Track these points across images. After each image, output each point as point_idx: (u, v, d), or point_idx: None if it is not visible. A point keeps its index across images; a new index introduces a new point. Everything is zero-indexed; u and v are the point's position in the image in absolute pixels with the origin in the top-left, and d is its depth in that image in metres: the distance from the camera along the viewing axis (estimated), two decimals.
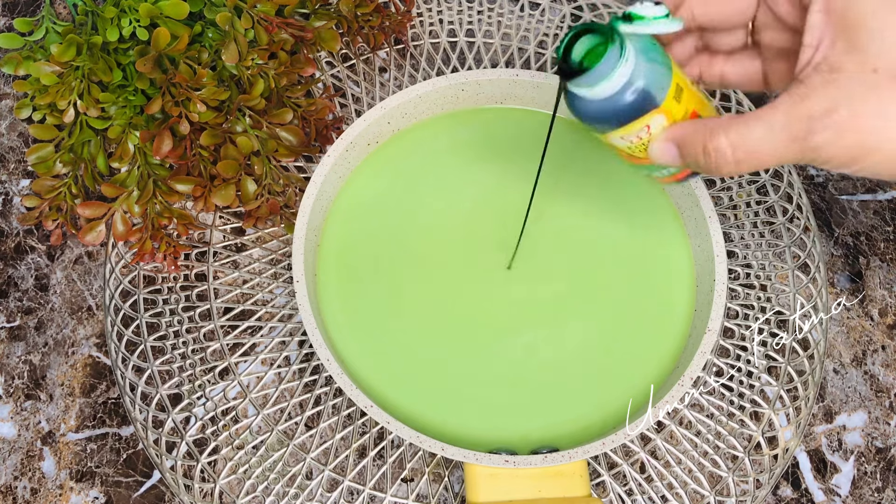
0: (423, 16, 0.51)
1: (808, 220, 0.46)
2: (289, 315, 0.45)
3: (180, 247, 0.44)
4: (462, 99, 0.44)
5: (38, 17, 0.47)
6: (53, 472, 0.43)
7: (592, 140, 0.44)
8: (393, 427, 0.36)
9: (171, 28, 0.43)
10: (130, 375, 0.43)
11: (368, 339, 0.41)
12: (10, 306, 0.46)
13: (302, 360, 0.44)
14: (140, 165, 0.44)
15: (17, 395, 0.44)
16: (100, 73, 0.43)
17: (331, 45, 0.46)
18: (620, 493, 0.41)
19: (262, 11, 0.43)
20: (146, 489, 0.42)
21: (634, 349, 0.40)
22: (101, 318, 0.45)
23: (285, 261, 0.46)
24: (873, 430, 0.43)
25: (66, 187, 0.44)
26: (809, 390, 0.43)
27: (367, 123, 0.42)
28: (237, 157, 0.43)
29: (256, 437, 0.42)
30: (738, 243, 0.46)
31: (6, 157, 0.49)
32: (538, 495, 0.37)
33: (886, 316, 0.45)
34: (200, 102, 0.42)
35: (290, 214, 0.45)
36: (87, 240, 0.44)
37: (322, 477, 0.42)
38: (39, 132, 0.44)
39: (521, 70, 0.44)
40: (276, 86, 0.44)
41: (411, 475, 0.42)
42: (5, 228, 0.47)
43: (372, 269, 0.42)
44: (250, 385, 0.43)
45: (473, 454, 0.36)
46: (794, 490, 0.42)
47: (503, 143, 0.44)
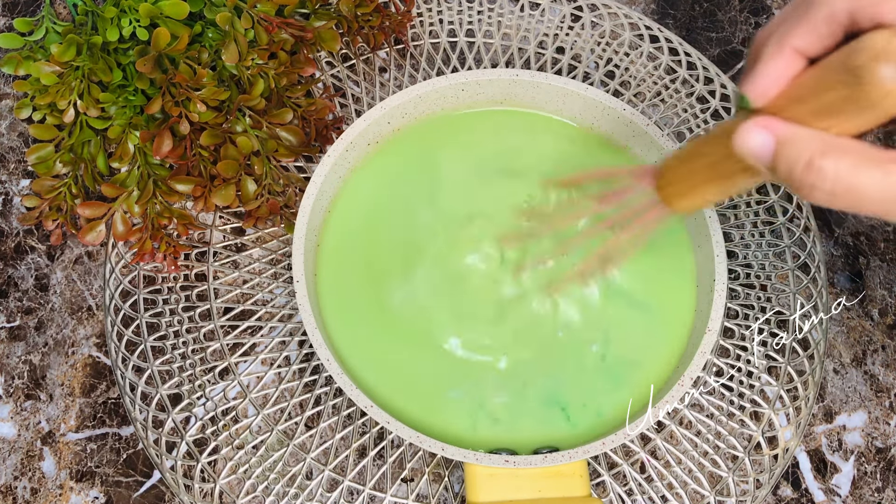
0: (423, 16, 0.51)
1: (808, 220, 0.46)
2: (289, 315, 0.45)
3: (180, 247, 0.44)
4: (462, 99, 0.44)
5: (38, 17, 0.47)
6: (53, 472, 0.43)
7: (593, 145, 0.44)
8: (393, 427, 0.36)
9: (171, 28, 0.43)
10: (130, 375, 0.43)
11: (368, 339, 0.40)
12: (10, 306, 0.46)
13: (302, 360, 0.44)
14: (140, 165, 0.44)
15: (17, 395, 0.44)
16: (100, 73, 0.43)
17: (331, 45, 0.46)
18: (620, 493, 0.41)
19: (262, 11, 0.43)
20: (146, 489, 0.42)
21: (634, 349, 0.40)
22: (101, 318, 0.45)
23: (285, 261, 0.46)
24: (873, 430, 0.43)
25: (66, 187, 0.44)
26: (809, 390, 0.43)
27: (367, 123, 0.42)
28: (237, 157, 0.43)
29: (256, 437, 0.42)
30: (738, 243, 0.46)
31: (6, 157, 0.49)
32: (538, 495, 0.37)
33: (886, 316, 0.45)
34: (200, 102, 0.42)
35: (290, 214, 0.44)
36: (87, 240, 0.44)
37: (322, 477, 0.42)
38: (39, 132, 0.44)
39: (521, 70, 0.44)
40: (276, 86, 0.44)
41: (411, 475, 0.42)
42: (5, 228, 0.47)
43: (372, 268, 0.42)
44: (250, 385, 0.43)
45: (473, 454, 0.36)
46: (794, 490, 0.42)
47: (503, 143, 0.44)
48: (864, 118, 0.26)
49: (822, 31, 0.27)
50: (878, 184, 0.25)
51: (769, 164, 0.27)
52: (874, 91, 0.24)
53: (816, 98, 0.26)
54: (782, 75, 0.28)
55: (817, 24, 0.27)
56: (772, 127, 0.27)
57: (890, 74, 0.24)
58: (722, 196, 0.33)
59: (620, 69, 0.50)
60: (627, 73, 0.50)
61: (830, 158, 0.25)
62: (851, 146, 0.26)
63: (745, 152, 0.28)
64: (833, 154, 0.26)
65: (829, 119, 0.26)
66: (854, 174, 0.25)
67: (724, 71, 0.50)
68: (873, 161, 0.25)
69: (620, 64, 0.50)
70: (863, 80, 0.24)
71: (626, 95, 0.49)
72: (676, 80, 0.50)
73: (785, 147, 0.27)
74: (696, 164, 0.32)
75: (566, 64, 0.50)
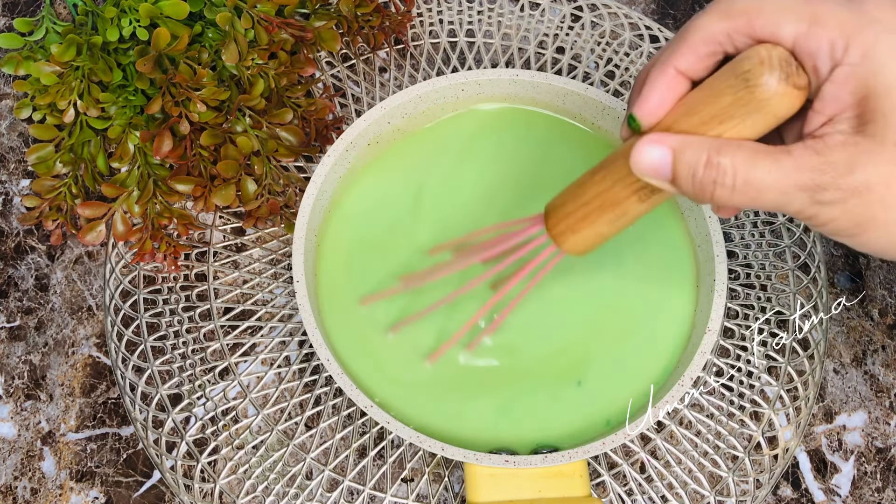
0: (423, 16, 0.51)
1: None
2: (289, 315, 0.45)
3: (180, 247, 0.44)
4: (462, 99, 0.44)
5: (38, 17, 0.47)
6: (53, 472, 0.43)
7: (592, 146, 0.44)
8: (393, 427, 0.36)
9: (171, 28, 0.43)
10: (130, 375, 0.43)
11: (368, 339, 0.40)
12: (10, 306, 0.46)
13: (302, 360, 0.44)
14: (140, 165, 0.44)
15: (17, 395, 0.44)
16: (100, 73, 0.43)
17: (331, 45, 0.46)
18: (620, 493, 0.41)
19: (262, 11, 0.43)
20: (146, 489, 0.42)
21: (634, 349, 0.40)
22: (101, 318, 0.45)
23: (285, 261, 0.46)
24: (873, 430, 0.43)
25: (66, 187, 0.45)
26: (809, 390, 0.43)
27: (367, 123, 0.42)
28: (237, 157, 0.43)
29: (256, 437, 0.42)
30: (738, 243, 0.46)
31: (6, 157, 0.49)
32: (538, 495, 0.37)
33: (886, 316, 0.45)
34: (200, 102, 0.42)
35: (290, 214, 0.45)
36: (87, 240, 0.44)
37: (322, 477, 0.42)
38: (39, 132, 0.44)
39: (521, 70, 0.44)
40: (276, 86, 0.44)
41: (411, 475, 0.42)
42: (5, 228, 0.47)
43: (372, 268, 0.42)
44: (250, 385, 0.43)
45: (473, 454, 0.36)
46: (794, 490, 0.42)
47: (503, 144, 0.44)
48: (751, 122, 0.27)
49: (700, 51, 0.28)
50: (772, 173, 0.26)
51: (669, 175, 0.28)
52: (761, 92, 0.26)
53: (706, 107, 0.28)
54: (668, 95, 0.29)
55: (696, 46, 0.28)
56: (664, 140, 0.28)
57: (774, 77, 0.26)
58: (615, 228, 0.32)
59: (620, 69, 0.50)
60: (627, 73, 0.50)
61: (726, 154, 0.27)
62: (744, 143, 0.27)
63: (642, 170, 0.29)
64: (727, 150, 0.27)
65: (718, 126, 0.28)
66: (750, 166, 0.27)
67: None
68: (766, 153, 0.27)
69: (620, 64, 0.50)
70: (749, 82, 0.27)
71: (626, 95, 0.49)
72: None
73: (681, 153, 0.28)
74: (587, 195, 0.32)
75: (566, 64, 0.50)
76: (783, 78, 0.26)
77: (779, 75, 0.26)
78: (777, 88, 0.26)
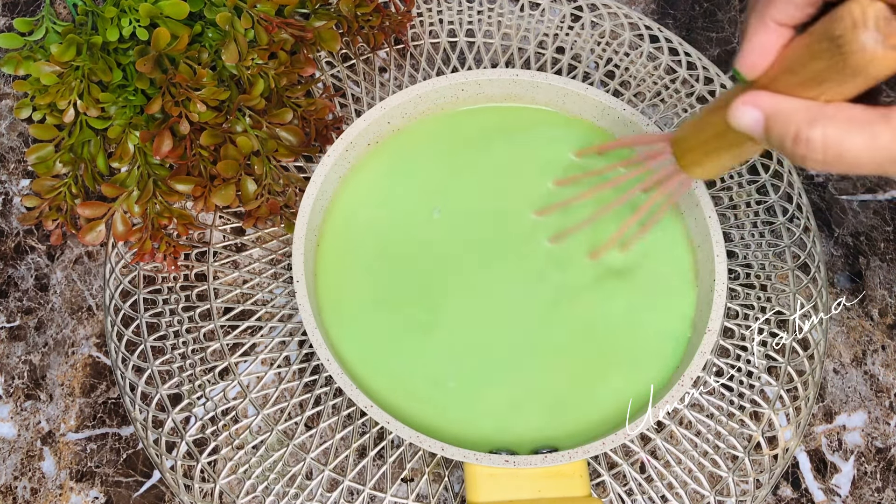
0: (423, 16, 0.51)
1: (808, 220, 0.46)
2: (289, 315, 0.45)
3: (180, 247, 0.44)
4: (462, 99, 0.44)
5: (38, 17, 0.47)
6: (53, 472, 0.43)
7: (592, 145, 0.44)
8: (393, 427, 0.36)
9: (171, 28, 0.43)
10: (130, 375, 0.43)
11: (368, 339, 0.40)
12: (10, 306, 0.46)
13: (302, 360, 0.44)
14: (140, 165, 0.44)
15: (17, 395, 0.44)
16: (100, 73, 0.43)
17: (331, 45, 0.46)
18: (620, 493, 0.41)
19: (262, 11, 0.43)
20: (146, 489, 0.42)
21: (635, 349, 0.40)
22: (101, 318, 0.45)
23: (285, 261, 0.46)
24: (873, 430, 0.43)
25: (66, 187, 0.44)
26: (809, 390, 0.43)
27: (367, 123, 0.42)
28: (237, 157, 0.43)
29: (256, 437, 0.42)
30: (738, 243, 0.46)
31: (6, 157, 0.49)
32: (538, 495, 0.37)
33: (886, 316, 0.45)
34: (200, 102, 0.42)
35: (290, 214, 0.45)
36: (87, 240, 0.44)
37: (322, 477, 0.42)
38: (39, 132, 0.44)
39: (521, 70, 0.44)
40: (276, 86, 0.44)
41: (411, 475, 0.42)
42: (5, 228, 0.47)
43: (372, 268, 0.42)
44: (250, 385, 0.43)
45: (473, 454, 0.36)
46: (794, 490, 0.42)
47: (503, 144, 0.44)
48: (850, 85, 0.26)
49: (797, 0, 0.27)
50: (867, 147, 0.25)
51: (762, 138, 0.28)
52: (857, 58, 0.24)
53: (804, 68, 0.27)
54: (768, 48, 0.28)
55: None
56: (759, 102, 0.28)
57: (870, 40, 0.24)
58: (737, 162, 0.33)
59: (620, 69, 0.50)
60: (627, 73, 0.50)
61: (818, 127, 0.26)
62: (839, 112, 0.26)
63: (740, 127, 0.29)
64: (820, 123, 0.26)
65: (817, 88, 0.26)
66: (842, 140, 0.25)
67: (725, 71, 0.50)
68: (861, 124, 0.25)
69: (620, 64, 0.50)
70: (843, 49, 0.25)
71: (626, 95, 0.49)
72: (676, 80, 0.50)
73: (772, 122, 0.27)
74: (706, 134, 0.33)
75: (566, 64, 0.50)
76: (880, 40, 0.23)
77: (874, 38, 0.23)
78: (874, 52, 0.24)
